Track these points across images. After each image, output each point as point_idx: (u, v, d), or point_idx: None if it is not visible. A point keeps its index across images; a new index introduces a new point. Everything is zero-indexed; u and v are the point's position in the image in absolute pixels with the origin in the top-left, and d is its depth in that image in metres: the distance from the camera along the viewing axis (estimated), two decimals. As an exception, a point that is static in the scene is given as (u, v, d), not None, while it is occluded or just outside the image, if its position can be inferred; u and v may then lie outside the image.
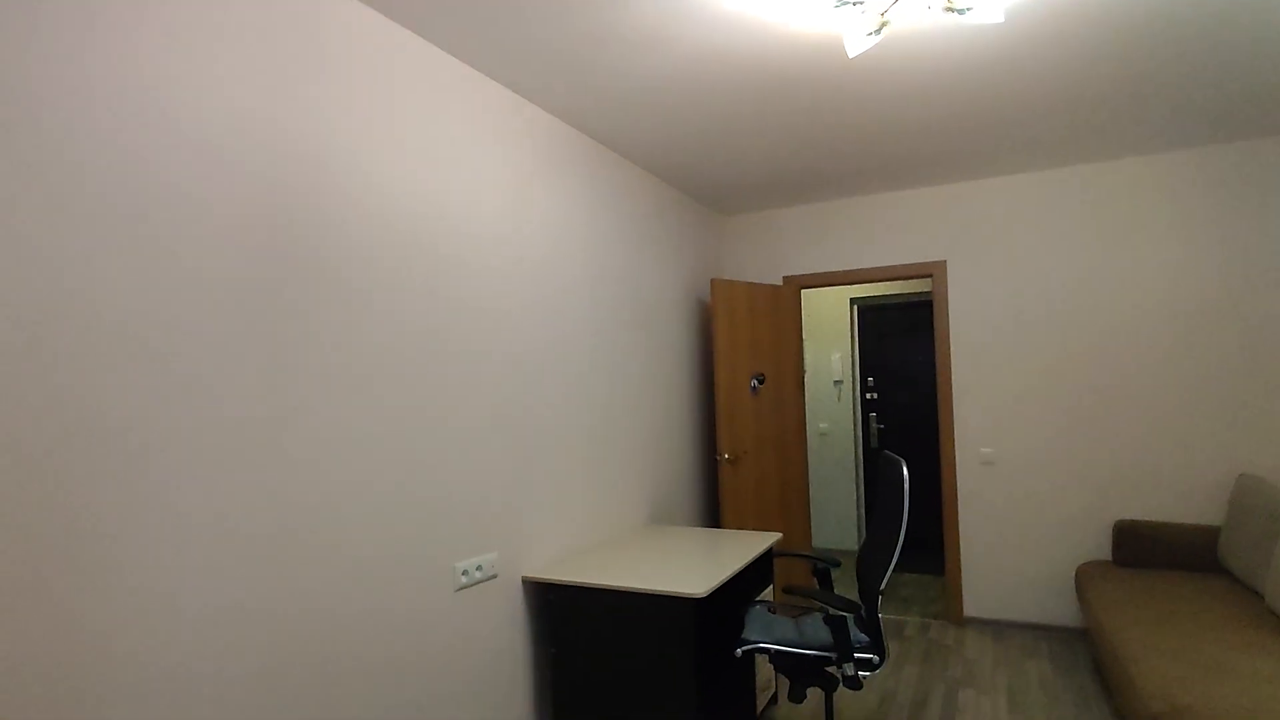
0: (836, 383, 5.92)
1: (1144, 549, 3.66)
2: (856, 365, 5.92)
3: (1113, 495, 3.86)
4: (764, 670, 3.03)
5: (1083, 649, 3.71)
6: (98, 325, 1.42)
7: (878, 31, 2.15)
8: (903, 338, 5.84)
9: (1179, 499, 3.74)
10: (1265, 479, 3.44)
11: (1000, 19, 2.04)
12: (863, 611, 2.46)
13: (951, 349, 4.23)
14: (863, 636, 2.41)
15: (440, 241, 2.33)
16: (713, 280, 4.05)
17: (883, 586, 2.34)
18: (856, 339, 5.95)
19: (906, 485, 2.34)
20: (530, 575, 2.61)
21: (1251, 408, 3.60)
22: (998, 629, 4.02)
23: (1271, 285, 3.57)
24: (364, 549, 2.00)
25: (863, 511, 5.84)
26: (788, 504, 4.38)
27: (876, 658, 2.35)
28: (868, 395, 5.92)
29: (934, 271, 4.31)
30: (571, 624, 2.54)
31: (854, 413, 5.88)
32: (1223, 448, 3.66)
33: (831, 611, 2.35)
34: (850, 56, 2.33)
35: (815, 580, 2.94)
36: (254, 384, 1.72)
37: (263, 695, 1.71)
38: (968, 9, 2.03)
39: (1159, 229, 3.78)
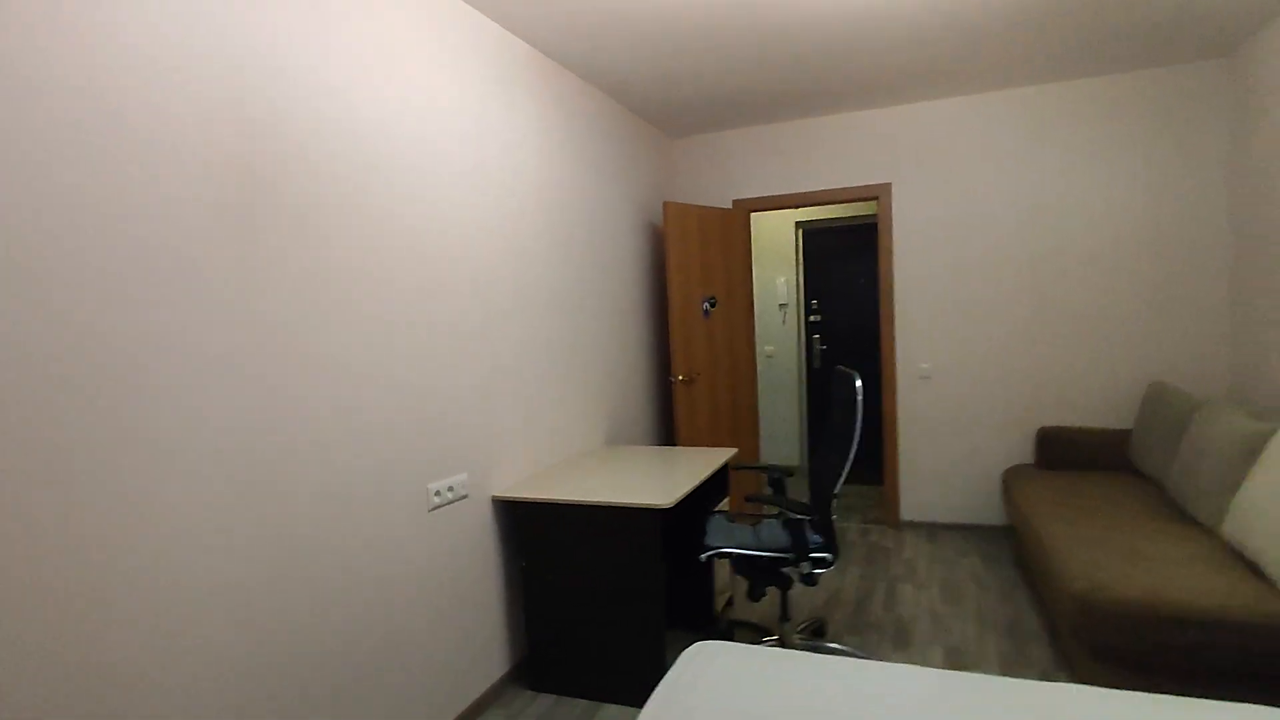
0: (782, 306, 6.06)
1: (1064, 452, 3.97)
2: (801, 288, 6.06)
3: (1038, 404, 4.15)
4: (721, 574, 3.21)
5: (1007, 545, 4.05)
6: (63, 254, 1.37)
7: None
8: (846, 260, 5.99)
9: (1096, 406, 4.05)
10: (1172, 385, 3.75)
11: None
12: (817, 515, 2.62)
13: (894, 270, 4.38)
14: (817, 537, 2.58)
15: (402, 160, 2.27)
16: (665, 203, 4.05)
17: (837, 490, 2.50)
18: (801, 262, 6.08)
19: (859, 397, 2.48)
20: (499, 494, 2.67)
21: (1162, 321, 3.89)
22: (932, 530, 4.34)
23: (1185, 206, 3.80)
24: (341, 473, 2.02)
25: (806, 429, 6.09)
26: (739, 423, 4.55)
27: (830, 555, 2.53)
28: (811, 317, 6.09)
29: (879, 194, 4.41)
30: (541, 539, 2.63)
31: (799, 335, 6.05)
32: (1136, 358, 3.96)
33: (789, 515, 2.50)
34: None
35: (771, 490, 3.10)
36: (226, 308, 1.69)
37: (247, 614, 1.74)
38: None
39: (1089, 151, 3.95)
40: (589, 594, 2.58)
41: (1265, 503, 2.36)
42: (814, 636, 2.98)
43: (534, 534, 2.64)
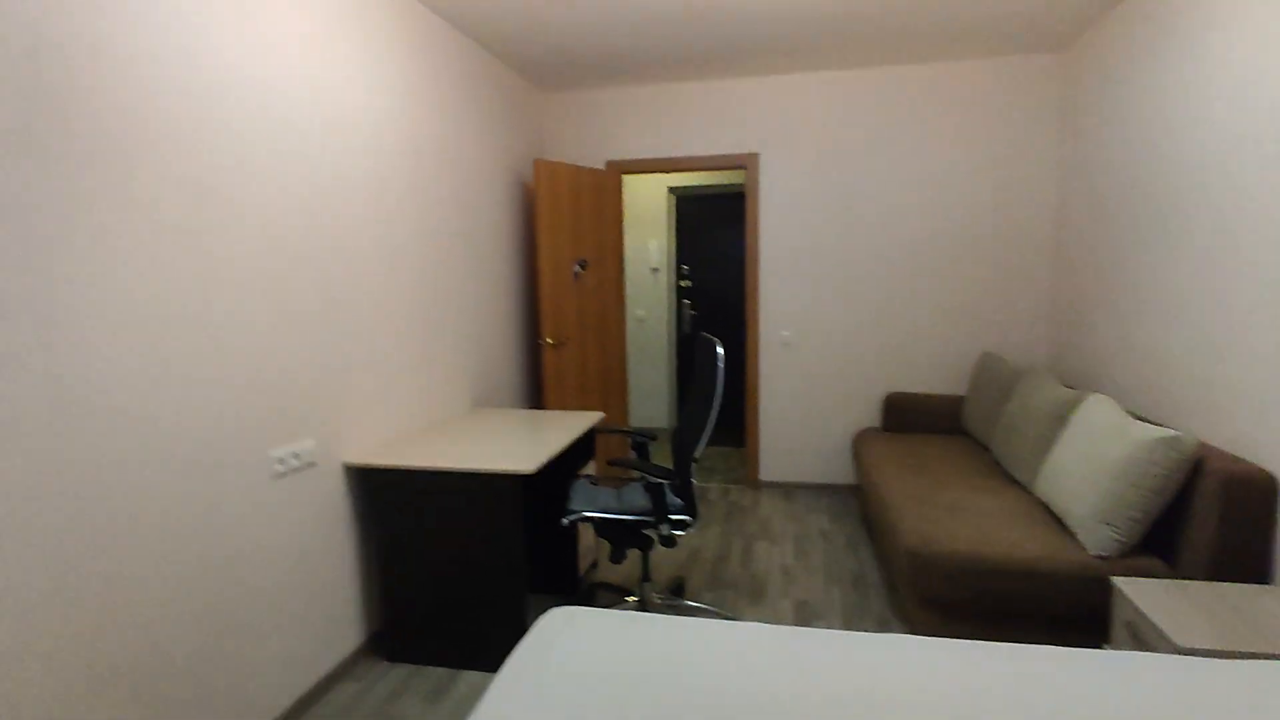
0: (654, 270, 6.10)
1: (907, 417, 4.28)
2: (672, 253, 6.12)
3: (886, 371, 4.43)
4: (585, 538, 3.23)
5: (854, 503, 4.34)
6: None
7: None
8: (717, 228, 6.10)
9: (937, 374, 4.38)
10: (1000, 355, 4.11)
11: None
12: (677, 479, 2.67)
13: (760, 238, 4.50)
14: (678, 500, 2.63)
15: (239, 99, 2.03)
16: (536, 160, 3.92)
17: (698, 454, 2.55)
18: (673, 228, 6.12)
19: (720, 364, 2.52)
20: (352, 461, 2.53)
21: (994, 296, 4.24)
22: (788, 490, 4.56)
23: (1017, 192, 4.13)
24: (167, 436, 1.82)
25: (675, 393, 6.21)
26: (608, 386, 4.55)
27: (689, 518, 2.59)
28: (682, 283, 6.17)
29: (747, 163, 4.49)
30: (398, 508, 2.52)
31: (669, 300, 6.12)
32: (971, 330, 4.30)
33: (651, 479, 2.53)
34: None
35: (635, 454, 3.13)
36: (6, 252, 1.45)
37: (71, 600, 1.54)
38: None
39: (936, 133, 4.19)
40: (449, 562, 2.51)
41: (1069, 464, 2.64)
42: (674, 595, 3.07)
43: (391, 503, 2.53)
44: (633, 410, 6.23)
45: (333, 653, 2.49)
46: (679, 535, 2.62)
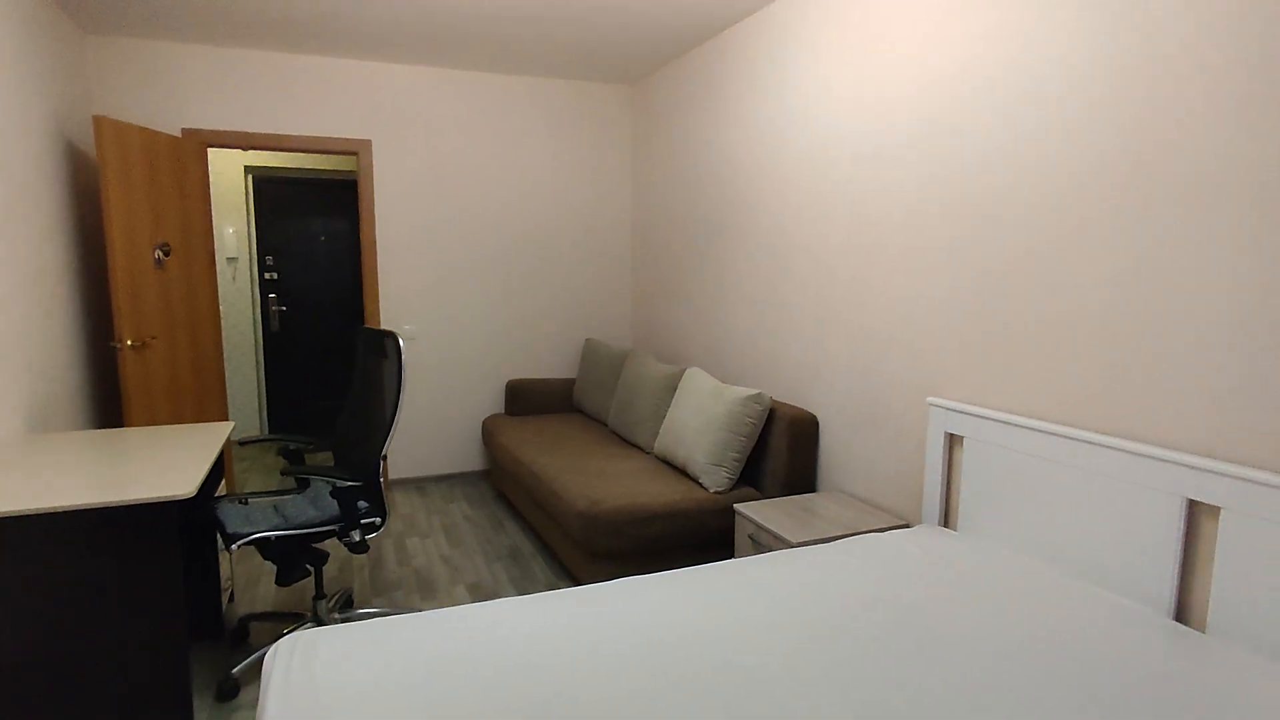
0: (231, 260, 5.34)
1: (527, 401, 4.64)
2: (254, 242, 5.44)
3: (507, 360, 4.73)
4: (223, 565, 2.79)
5: (486, 486, 4.54)
6: None
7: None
8: (307, 216, 5.62)
9: (549, 360, 4.84)
10: (601, 340, 4.76)
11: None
12: (364, 481, 2.52)
13: (377, 229, 4.36)
14: (364, 503, 2.50)
15: None
16: (98, 118, 3.15)
17: (385, 452, 2.46)
18: (252, 213, 5.44)
19: (404, 354, 2.47)
20: (-116, 520, 1.77)
21: (590, 288, 4.88)
22: (420, 485, 4.54)
23: (604, 197, 4.83)
24: None
25: (265, 397, 5.55)
26: (204, 392, 3.89)
27: (379, 519, 2.48)
28: (267, 275, 5.53)
29: (359, 149, 4.29)
30: (-27, 570, 1.86)
31: (252, 293, 5.43)
32: (575, 318, 4.87)
33: (339, 484, 2.36)
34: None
35: (285, 462, 2.81)
36: None
37: None
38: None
39: (538, 138, 4.63)
40: (77, 626, 1.95)
41: (683, 424, 3.28)
42: (345, 608, 2.87)
43: (-42, 567, 1.84)
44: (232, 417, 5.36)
45: None
46: (371, 538, 2.48)
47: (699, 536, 2.94)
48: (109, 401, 3.63)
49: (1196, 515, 1.74)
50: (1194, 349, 1.73)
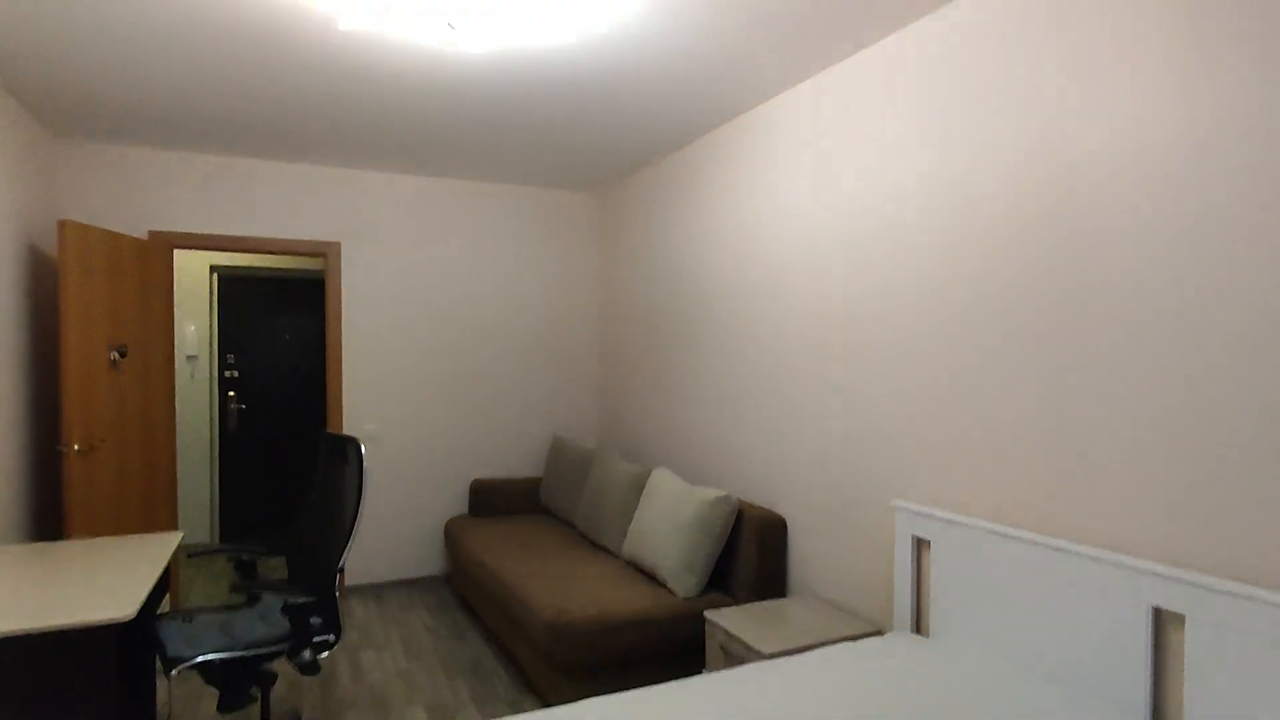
0: (190, 358, 5.25)
1: (492, 501, 4.54)
2: (216, 340, 5.37)
3: (471, 459, 4.65)
4: (160, 688, 2.60)
5: (447, 592, 4.36)
6: None
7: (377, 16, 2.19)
8: (272, 313, 5.59)
9: (514, 458, 4.77)
10: (568, 438, 4.73)
11: (480, 51, 2.35)
12: (317, 595, 2.41)
13: (343, 329, 4.35)
14: (316, 619, 2.38)
15: None
16: (63, 223, 3.15)
17: (342, 564, 2.36)
18: (215, 311, 5.40)
19: (364, 462, 2.42)
20: None
21: (557, 386, 4.88)
22: (378, 591, 4.34)
23: (569, 299, 4.91)
24: None
25: (218, 498, 5.34)
26: (153, 498, 3.74)
27: (333, 636, 2.36)
28: (227, 373, 5.44)
29: (326, 251, 4.33)
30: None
31: (211, 391, 5.32)
32: (541, 416, 4.85)
33: (291, 600, 2.25)
34: (341, 29, 2.27)
35: (238, 575, 2.68)
36: None
37: None
38: (456, 39, 2.26)
39: (506, 242, 4.73)
40: (-21, 770, 1.78)
41: (651, 526, 3.23)
42: (292, 733, 2.68)
43: None
44: (181, 528, 5.12)
45: None
46: (323, 657, 2.35)
47: (670, 646, 2.84)
48: (51, 509, 3.46)
49: (1164, 623, 1.74)
50: (1135, 456, 1.78)
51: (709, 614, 2.71)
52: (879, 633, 2.55)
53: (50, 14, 2.36)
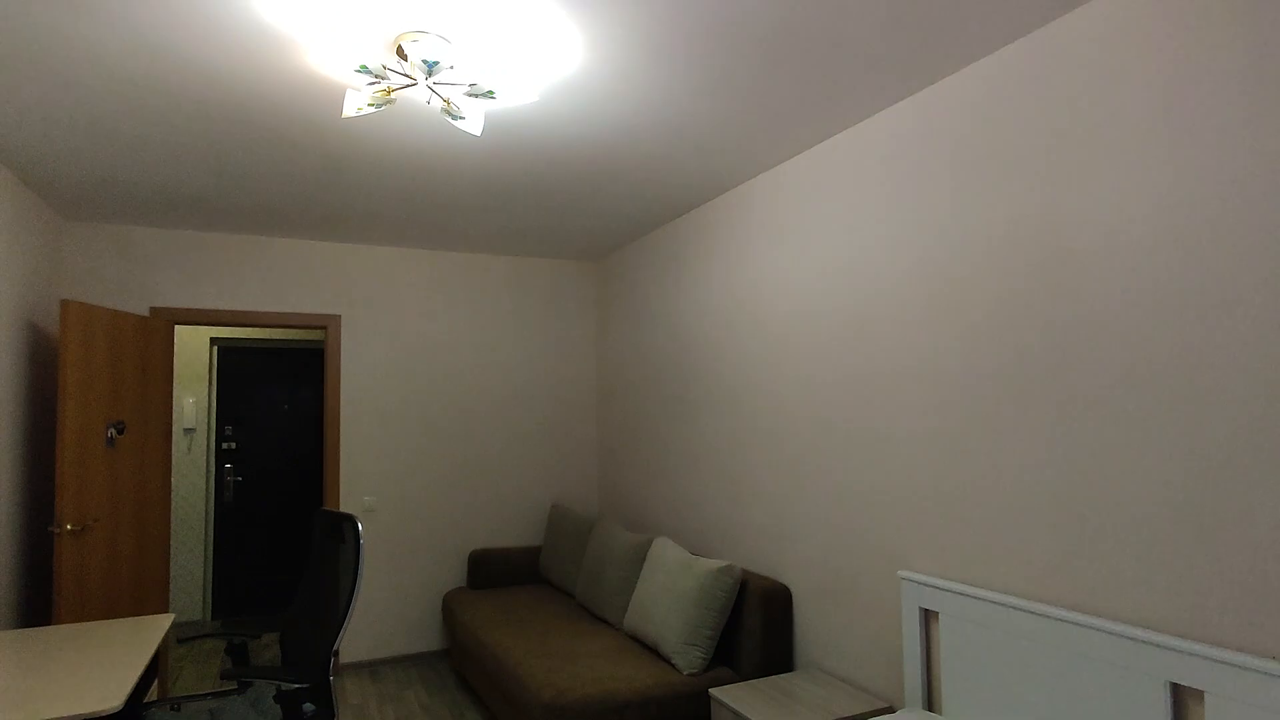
0: (188, 431, 5.23)
1: (491, 571, 4.45)
2: (214, 412, 5.36)
3: (469, 529, 4.58)
4: (145, 787, 2.49)
5: (445, 668, 4.24)
6: None
7: (378, 106, 2.26)
8: (271, 385, 5.59)
9: (514, 527, 4.71)
10: (567, 506, 4.67)
11: (478, 133, 2.41)
12: (311, 681, 2.34)
13: (342, 400, 4.34)
14: (309, 705, 2.30)
15: None
16: (66, 303, 3.19)
17: (337, 647, 2.30)
18: (215, 383, 5.41)
19: (361, 540, 2.39)
20: None
21: (556, 454, 4.85)
22: (374, 668, 4.22)
23: (569, 367, 4.92)
24: None
25: (211, 574, 5.24)
26: (145, 579, 3.66)
27: (326, 724, 2.28)
28: (224, 445, 5.41)
29: (327, 324, 4.37)
30: None
31: (207, 464, 5.28)
32: (539, 485, 4.80)
33: (284, 686, 2.18)
34: (343, 116, 2.34)
35: (229, 660, 2.61)
36: None
37: None
38: (460, 117, 2.33)
39: (504, 313, 4.77)
40: None
41: (653, 598, 3.16)
42: (281, 829, 2.56)
43: None
44: (172, 605, 5.01)
45: None
46: (313, 748, 2.26)
47: (675, 726, 2.75)
48: (41, 591, 3.39)
49: (1183, 698, 1.69)
50: (1140, 528, 1.76)
51: (714, 692, 2.62)
52: (890, 709, 2.47)
53: (57, 103, 2.43)
